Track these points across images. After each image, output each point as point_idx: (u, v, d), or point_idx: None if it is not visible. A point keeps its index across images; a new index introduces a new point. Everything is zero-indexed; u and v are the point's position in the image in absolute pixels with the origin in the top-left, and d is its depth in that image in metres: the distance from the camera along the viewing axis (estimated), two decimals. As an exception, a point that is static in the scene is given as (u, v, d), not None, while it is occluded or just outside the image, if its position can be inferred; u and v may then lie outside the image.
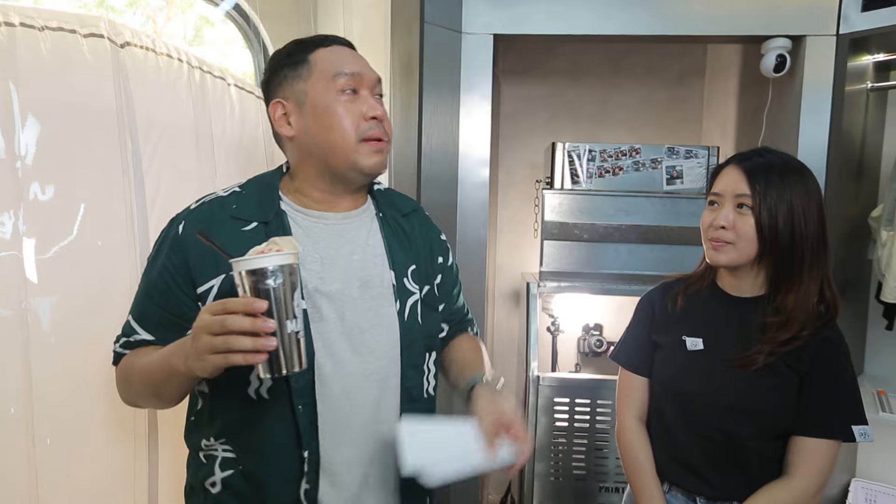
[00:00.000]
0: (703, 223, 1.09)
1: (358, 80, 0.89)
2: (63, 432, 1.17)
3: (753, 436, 1.03)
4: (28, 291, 1.15)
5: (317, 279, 0.86)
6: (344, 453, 0.86)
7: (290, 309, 0.69)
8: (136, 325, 0.88)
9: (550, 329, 2.30)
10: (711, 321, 1.09)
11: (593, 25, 1.76)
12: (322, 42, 0.91)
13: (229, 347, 0.66)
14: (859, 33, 1.68)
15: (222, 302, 0.68)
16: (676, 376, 1.10)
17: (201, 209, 0.90)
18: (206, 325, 0.68)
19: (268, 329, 0.66)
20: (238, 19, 1.93)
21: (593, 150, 2.00)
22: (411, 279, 0.94)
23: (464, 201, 1.80)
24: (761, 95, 1.93)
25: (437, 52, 1.71)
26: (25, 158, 1.17)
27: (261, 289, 0.68)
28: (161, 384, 0.82)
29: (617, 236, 1.95)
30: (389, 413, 0.90)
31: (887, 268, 1.85)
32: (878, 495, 1.98)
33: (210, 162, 1.37)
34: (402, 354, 0.90)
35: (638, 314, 1.21)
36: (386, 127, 0.91)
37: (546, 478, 1.92)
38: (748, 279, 1.07)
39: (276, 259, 0.68)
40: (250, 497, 0.86)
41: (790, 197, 1.00)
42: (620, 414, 1.18)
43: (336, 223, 0.92)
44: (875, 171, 2.02)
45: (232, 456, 0.86)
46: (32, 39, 1.18)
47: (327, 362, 0.85)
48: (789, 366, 1.01)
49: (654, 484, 1.10)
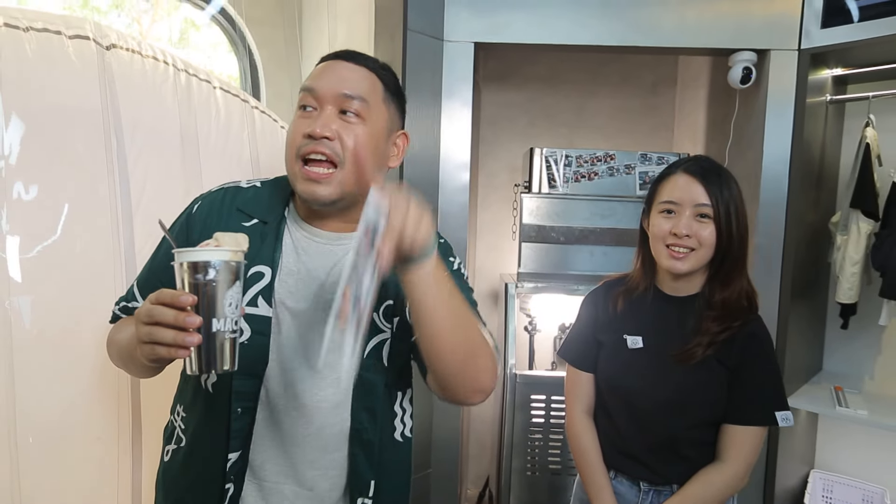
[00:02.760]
0: (660, 231, 1.11)
1: (316, 95, 0.83)
2: (46, 431, 1.18)
3: (689, 426, 1.11)
4: (11, 290, 1.15)
5: (286, 293, 0.85)
6: (274, 466, 0.86)
7: (220, 307, 0.67)
8: (137, 293, 0.91)
9: (528, 328, 2.37)
10: (650, 320, 1.16)
11: (571, 35, 1.83)
12: (325, 58, 0.89)
13: (153, 338, 0.65)
14: (819, 49, 1.78)
15: (157, 292, 0.67)
16: (618, 373, 1.17)
17: (217, 195, 0.92)
18: (140, 313, 0.67)
19: (190, 325, 0.64)
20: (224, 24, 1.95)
21: (570, 155, 2.07)
22: (382, 317, 0.87)
23: (444, 204, 1.84)
24: (729, 105, 2.02)
25: (420, 59, 1.75)
26: (9, 158, 1.17)
27: (191, 283, 0.66)
28: (127, 359, 0.85)
29: (592, 239, 2.02)
30: (333, 447, 0.86)
31: (841, 270, 1.96)
32: (834, 485, 2.08)
33: (195, 164, 1.39)
34: (354, 393, 0.86)
35: (583, 313, 1.27)
36: (332, 147, 0.80)
37: (522, 472, 1.98)
38: (693, 281, 1.14)
39: (209, 255, 0.66)
40: (183, 479, 0.89)
41: (735, 201, 1.09)
42: (569, 407, 1.25)
43: (326, 243, 0.88)
44: (834, 179, 2.14)
45: (181, 433, 0.90)
46: (17, 40, 1.19)
47: (276, 375, 0.84)
48: (720, 361, 1.10)
49: (600, 472, 1.18)
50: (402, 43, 1.72)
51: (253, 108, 1.53)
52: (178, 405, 0.93)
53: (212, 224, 0.87)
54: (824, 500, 2.07)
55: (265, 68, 2.35)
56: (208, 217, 0.89)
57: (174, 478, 0.91)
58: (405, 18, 1.71)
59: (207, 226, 0.87)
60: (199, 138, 1.39)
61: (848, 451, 2.12)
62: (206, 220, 0.88)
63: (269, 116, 1.58)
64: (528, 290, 2.06)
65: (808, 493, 2.00)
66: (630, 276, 1.23)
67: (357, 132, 0.82)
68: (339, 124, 0.82)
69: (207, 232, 0.82)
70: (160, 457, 0.96)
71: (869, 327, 2.04)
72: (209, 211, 0.89)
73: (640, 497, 1.16)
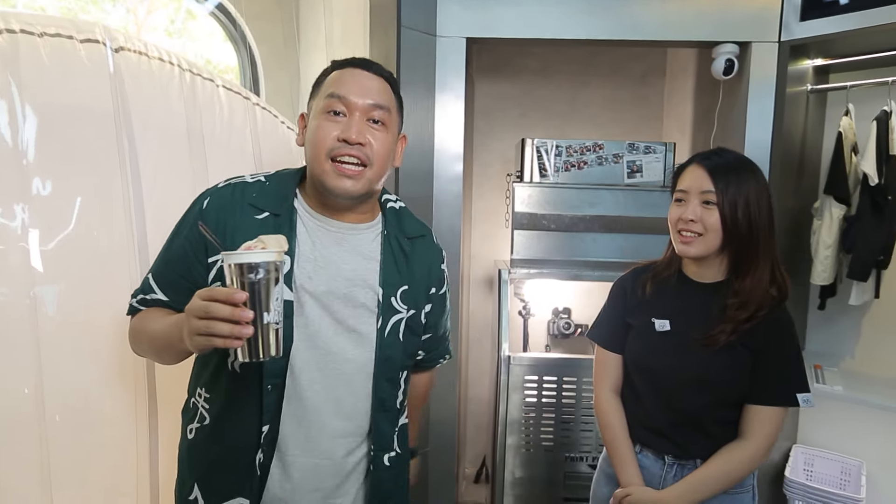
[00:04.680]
0: (672, 218, 1.19)
1: (346, 103, 0.92)
2: (71, 410, 1.27)
3: (712, 405, 1.16)
4: (35, 280, 1.24)
5: (305, 277, 0.93)
6: (299, 438, 0.95)
7: (269, 302, 0.75)
8: (154, 286, 0.97)
9: (522, 313, 2.45)
10: (677, 305, 1.21)
11: (561, 30, 1.89)
12: (342, 64, 0.97)
13: (210, 331, 0.73)
14: (799, 41, 1.84)
15: (210, 290, 0.76)
16: (646, 354, 1.22)
17: (225, 190, 0.97)
18: (195, 308, 0.75)
19: (244, 318, 0.73)
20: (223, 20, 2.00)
21: (560, 145, 2.14)
22: (400, 299, 1.00)
23: (439, 194, 1.92)
24: (715, 95, 2.08)
25: (413, 54, 1.81)
26: (28, 156, 1.25)
27: (243, 281, 0.74)
28: (163, 349, 0.93)
29: (582, 226, 2.10)
30: (353, 414, 0.98)
31: (815, 254, 2.05)
32: (815, 459, 2.19)
33: (202, 159, 1.46)
34: (377, 368, 0.98)
35: (612, 297, 1.33)
36: (364, 152, 0.92)
37: (518, 449, 2.08)
38: (712, 267, 1.20)
39: (259, 256, 0.75)
40: (211, 452, 0.96)
41: (746, 191, 1.12)
42: (597, 387, 1.31)
43: (339, 231, 0.98)
44: (815, 166, 2.21)
45: (206, 413, 0.97)
46: (33, 46, 1.26)
47: (302, 353, 0.93)
48: (744, 344, 1.14)
49: (626, 447, 1.24)
50: (395, 39, 1.78)
51: (254, 104, 1.61)
52: (198, 388, 1.00)
53: (225, 218, 0.94)
54: (805, 473, 2.17)
55: (264, 63, 2.41)
56: (220, 212, 0.94)
57: (202, 452, 0.98)
58: (399, 15, 1.77)
59: (221, 220, 0.93)
60: (205, 134, 1.47)
61: (828, 426, 2.21)
62: (219, 215, 0.94)
63: (270, 112, 1.65)
64: (521, 275, 2.14)
65: (789, 467, 2.10)
66: (657, 263, 1.29)
67: (382, 138, 0.94)
68: (368, 130, 0.93)
69: (222, 226, 0.92)
70: (182, 434, 1.04)
71: (849, 309, 2.13)
72: (220, 206, 0.95)
73: (665, 470, 1.21)
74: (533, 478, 2.08)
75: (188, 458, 1.01)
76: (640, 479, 1.22)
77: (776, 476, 2.13)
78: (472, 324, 2.70)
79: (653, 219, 2.08)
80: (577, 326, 2.46)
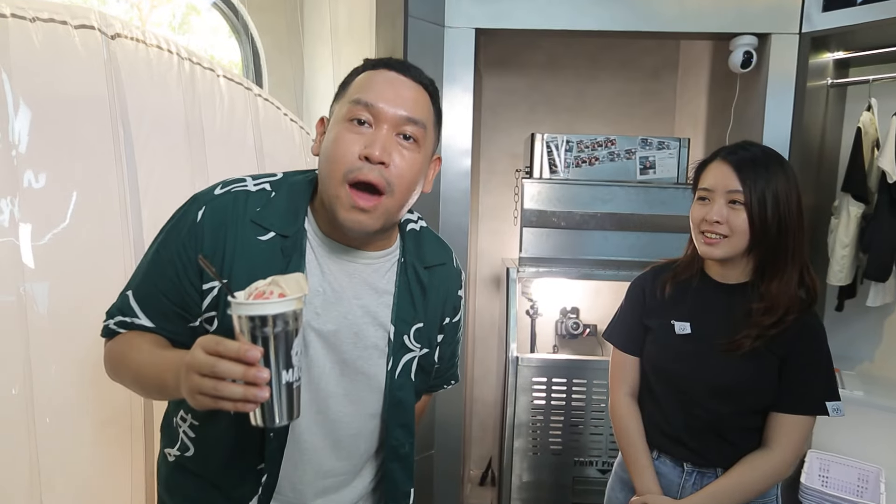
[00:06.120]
0: (695, 218, 1.12)
1: (374, 112, 0.76)
2: (61, 411, 1.22)
3: (736, 412, 1.10)
4: (25, 277, 1.19)
5: (312, 314, 0.81)
6: (303, 488, 0.86)
7: (289, 357, 0.64)
8: (137, 308, 0.82)
9: (529, 312, 2.40)
10: (699, 307, 1.15)
11: (571, 21, 1.83)
12: (375, 64, 0.81)
13: (218, 394, 0.61)
14: (820, 32, 1.78)
15: (216, 342, 0.62)
16: (665, 358, 1.16)
17: (225, 199, 0.82)
18: (197, 364, 0.62)
19: (261, 380, 0.61)
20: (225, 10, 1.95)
21: (570, 140, 2.08)
22: (413, 338, 0.88)
23: (446, 190, 1.87)
24: (730, 89, 2.02)
25: (421, 46, 1.76)
26: (19, 147, 1.20)
27: (258, 335, 0.62)
28: (150, 388, 0.80)
29: (593, 224, 2.04)
30: (365, 462, 0.90)
31: (832, 253, 1.98)
32: (831, 465, 2.12)
33: (201, 151, 1.41)
34: (388, 413, 0.87)
35: (630, 297, 1.27)
36: (384, 175, 0.76)
37: (525, 452, 2.02)
38: (737, 268, 1.13)
39: (277, 307, 0.62)
40: (195, 487, 0.87)
41: (775, 188, 1.05)
42: (613, 390, 1.26)
43: (351, 261, 0.84)
44: (834, 163, 2.14)
45: (189, 442, 0.86)
46: (24, 30, 1.21)
47: (305, 396, 0.79)
48: (770, 350, 1.07)
49: (643, 453, 1.19)
50: (402, 29, 1.73)
51: (256, 95, 1.55)
52: (180, 410, 0.88)
53: (224, 237, 0.79)
54: (821, 479, 2.11)
55: (268, 55, 2.36)
56: (219, 228, 0.80)
57: (185, 483, 0.89)
58: (406, 4, 1.72)
59: (219, 239, 0.79)
60: (204, 126, 1.41)
61: (845, 431, 2.15)
62: (218, 233, 0.79)
63: (273, 104, 1.60)
64: (529, 274, 2.08)
65: (805, 473, 2.04)
66: (678, 262, 1.22)
67: (410, 159, 0.78)
68: (395, 147, 0.77)
69: (220, 248, 0.79)
70: (161, 454, 0.93)
71: (868, 311, 2.07)
72: (220, 221, 0.80)
73: (684, 478, 1.16)
74: (540, 482, 2.03)
75: (167, 482, 0.91)
76: (657, 487, 1.16)
77: (791, 482, 2.07)
78: (478, 323, 2.65)
79: (666, 216, 2.02)
80: (586, 326, 2.40)
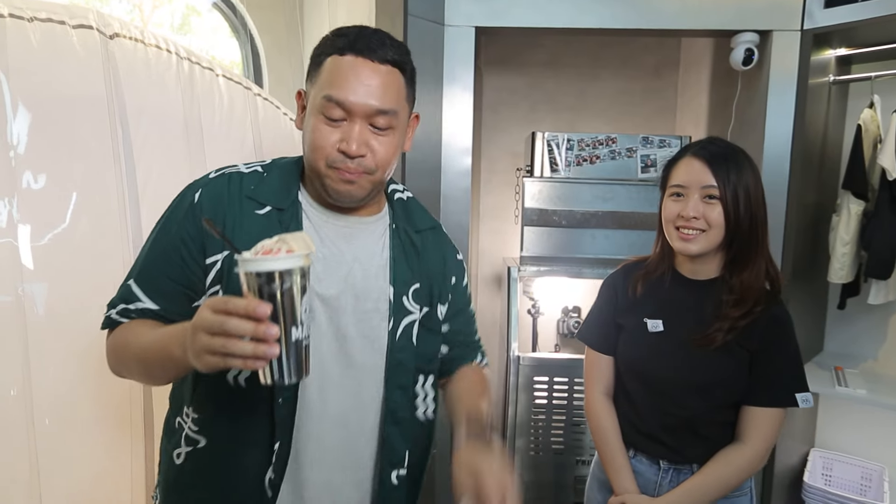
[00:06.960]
0: (669, 215, 1.12)
1: (345, 108, 0.80)
2: (60, 413, 1.22)
3: (709, 408, 1.12)
4: (24, 277, 1.18)
5: (314, 279, 0.83)
6: (311, 453, 0.86)
7: (296, 314, 0.64)
8: (140, 293, 0.84)
9: (531, 311, 2.39)
10: (670, 303, 1.16)
11: (572, 19, 1.82)
12: (342, 48, 0.82)
13: (228, 351, 0.62)
14: (822, 29, 1.77)
15: (224, 300, 0.63)
16: (639, 357, 1.17)
17: (219, 181, 0.86)
18: (206, 324, 0.63)
19: (271, 336, 0.62)
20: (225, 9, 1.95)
21: (571, 139, 2.07)
22: (411, 298, 0.90)
23: (447, 189, 1.86)
24: (732, 87, 2.01)
25: (421, 44, 1.75)
26: (17, 148, 1.20)
27: (266, 292, 0.62)
28: (155, 367, 0.79)
29: (594, 222, 2.04)
30: (366, 428, 0.89)
31: (833, 251, 1.97)
32: (834, 463, 2.12)
33: (200, 151, 1.40)
34: (388, 374, 0.88)
35: (602, 296, 1.28)
36: (364, 164, 0.82)
37: (526, 452, 2.02)
38: (708, 264, 1.14)
39: (286, 262, 0.63)
40: (211, 475, 0.85)
41: (746, 182, 1.08)
42: (588, 389, 1.26)
43: (347, 226, 0.89)
44: (836, 161, 2.13)
45: (196, 435, 0.86)
46: (22, 30, 1.20)
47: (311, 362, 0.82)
48: (741, 344, 1.09)
49: (620, 452, 1.19)
50: (402, 27, 1.72)
51: (255, 95, 1.55)
52: (183, 406, 0.88)
53: (223, 213, 0.83)
54: (824, 478, 2.10)
55: (267, 54, 2.36)
56: (217, 206, 0.84)
57: (199, 479, 0.87)
58: (405, 3, 1.71)
59: (218, 215, 0.83)
60: (203, 125, 1.41)
61: (848, 429, 2.14)
62: (215, 210, 0.83)
63: (272, 103, 1.59)
64: (530, 273, 2.08)
65: (807, 471, 2.03)
66: (649, 260, 1.23)
67: (386, 143, 0.83)
68: (370, 137, 0.82)
69: (220, 223, 0.82)
70: (165, 458, 0.91)
71: (871, 309, 2.06)
72: (215, 199, 0.84)
73: (660, 475, 1.17)
74: (541, 482, 2.02)
75: (176, 486, 0.90)
76: (634, 487, 1.17)
77: (794, 481, 2.06)
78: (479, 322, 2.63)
79: (667, 215, 2.01)
80: (588, 326, 2.39)
